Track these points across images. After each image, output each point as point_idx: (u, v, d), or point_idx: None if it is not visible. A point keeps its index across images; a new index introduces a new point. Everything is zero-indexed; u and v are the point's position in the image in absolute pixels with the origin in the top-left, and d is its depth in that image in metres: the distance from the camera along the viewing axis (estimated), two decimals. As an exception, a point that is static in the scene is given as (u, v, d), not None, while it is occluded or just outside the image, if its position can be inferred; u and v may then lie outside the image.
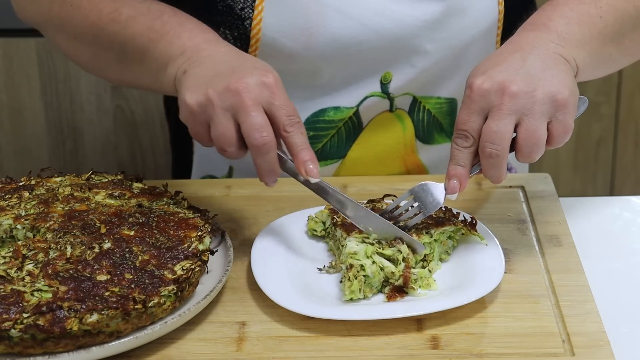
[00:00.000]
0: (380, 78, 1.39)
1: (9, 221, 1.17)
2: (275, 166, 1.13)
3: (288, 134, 1.12)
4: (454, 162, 1.12)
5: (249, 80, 1.12)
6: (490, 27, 1.39)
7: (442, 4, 1.35)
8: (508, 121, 1.09)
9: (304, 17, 1.33)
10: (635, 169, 2.42)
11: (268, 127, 1.11)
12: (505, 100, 1.10)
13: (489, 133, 1.09)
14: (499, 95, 1.10)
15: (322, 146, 1.43)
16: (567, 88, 1.11)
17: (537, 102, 1.10)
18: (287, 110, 1.12)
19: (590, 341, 1.06)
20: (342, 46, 1.35)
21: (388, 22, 1.34)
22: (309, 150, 1.13)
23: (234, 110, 1.11)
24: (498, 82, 1.11)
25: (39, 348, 1.01)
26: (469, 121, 1.11)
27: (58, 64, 2.19)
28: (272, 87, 1.12)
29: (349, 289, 1.11)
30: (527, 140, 1.10)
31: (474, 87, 1.11)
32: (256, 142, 1.11)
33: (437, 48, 1.37)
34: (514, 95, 1.10)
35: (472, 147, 1.12)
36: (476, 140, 1.11)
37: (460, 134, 1.12)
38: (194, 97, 1.13)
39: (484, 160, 1.11)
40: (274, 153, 1.12)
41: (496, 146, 1.09)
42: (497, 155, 1.10)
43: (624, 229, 1.33)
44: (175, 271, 1.09)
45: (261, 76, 1.13)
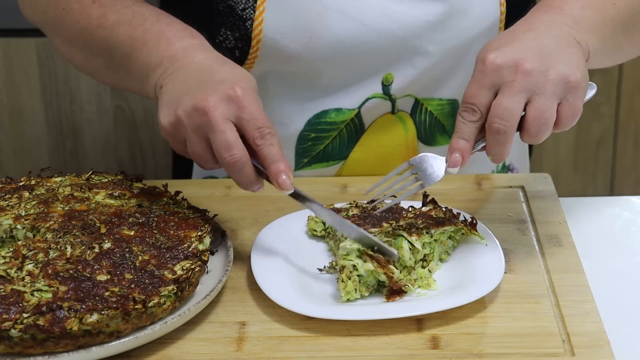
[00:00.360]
0: (381, 79, 1.39)
1: (9, 221, 1.17)
2: (252, 179, 1.13)
3: (258, 147, 1.12)
4: (458, 135, 1.11)
5: (214, 97, 1.11)
6: (491, 28, 1.39)
7: (443, 5, 1.35)
8: (519, 98, 1.08)
9: (305, 18, 1.33)
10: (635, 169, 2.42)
11: (237, 143, 1.11)
12: (518, 77, 1.08)
13: (499, 109, 1.08)
14: (512, 72, 1.09)
15: (324, 148, 1.43)
16: (580, 71, 1.10)
17: (549, 82, 1.09)
18: (255, 123, 1.11)
19: (590, 341, 1.06)
20: (344, 47, 1.34)
21: (389, 22, 1.34)
22: (281, 162, 1.12)
23: (203, 129, 1.12)
24: (512, 58, 1.09)
25: (39, 348, 1.01)
26: (479, 95, 1.10)
27: (58, 64, 2.19)
28: (240, 100, 1.11)
29: (344, 290, 1.11)
30: (536, 119, 1.09)
31: (487, 62, 1.10)
32: (225, 161, 1.11)
33: (439, 49, 1.37)
34: (528, 72, 1.09)
35: (478, 122, 1.10)
36: (483, 115, 1.10)
37: (467, 107, 1.10)
38: (166, 119, 1.14)
39: (490, 136, 1.09)
40: (248, 168, 1.12)
41: (505, 122, 1.08)
42: (505, 131, 1.08)
43: (624, 229, 1.33)
44: (175, 271, 1.09)
45: (227, 90, 1.12)
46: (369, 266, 1.11)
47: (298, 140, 1.42)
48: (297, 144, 1.42)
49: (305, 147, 1.43)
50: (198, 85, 1.13)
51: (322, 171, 1.45)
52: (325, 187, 1.39)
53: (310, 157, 1.43)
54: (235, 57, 1.35)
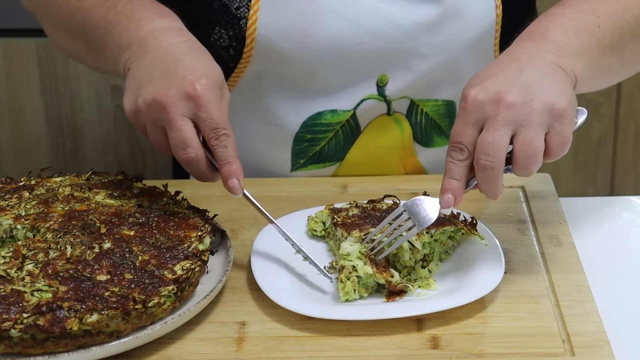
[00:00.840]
0: (376, 81, 1.39)
1: (9, 221, 1.17)
2: (206, 174, 1.15)
3: (213, 147, 1.13)
4: (449, 175, 1.10)
5: (173, 93, 1.12)
6: (487, 31, 1.39)
7: (438, 7, 1.34)
8: (503, 132, 1.07)
9: (299, 17, 1.33)
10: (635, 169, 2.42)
11: (193, 141, 1.12)
12: (500, 111, 1.07)
13: (484, 145, 1.07)
14: (495, 106, 1.07)
15: (320, 149, 1.43)
16: (565, 98, 1.09)
17: (534, 112, 1.07)
18: (211, 123, 1.12)
19: (590, 341, 1.06)
20: (338, 48, 1.34)
21: (384, 24, 1.34)
22: (232, 164, 1.13)
23: (161, 122, 1.14)
24: (493, 92, 1.08)
25: (39, 348, 1.01)
26: (464, 133, 1.08)
27: (58, 64, 2.19)
28: (198, 98, 1.12)
29: (343, 290, 1.11)
30: (523, 152, 1.07)
31: (469, 99, 1.09)
32: (180, 159, 1.13)
33: (434, 51, 1.37)
34: (510, 105, 1.07)
35: (467, 160, 1.09)
36: (471, 153, 1.09)
37: (455, 146, 1.09)
38: (129, 105, 1.16)
39: (478, 172, 1.08)
40: (202, 165, 1.14)
41: (491, 158, 1.07)
42: (492, 167, 1.07)
43: (624, 229, 1.33)
44: (175, 271, 1.09)
45: (187, 87, 1.13)
46: (368, 269, 1.11)
47: (294, 141, 1.42)
48: (293, 145, 1.42)
49: (302, 148, 1.43)
50: (161, 76, 1.14)
51: (318, 172, 1.45)
52: (325, 187, 1.39)
53: (306, 158, 1.43)
54: (230, 55, 1.35)
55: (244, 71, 1.37)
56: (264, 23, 1.33)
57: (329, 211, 1.24)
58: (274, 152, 1.43)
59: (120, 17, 1.23)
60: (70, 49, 1.36)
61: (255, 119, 1.41)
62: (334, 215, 1.22)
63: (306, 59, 1.35)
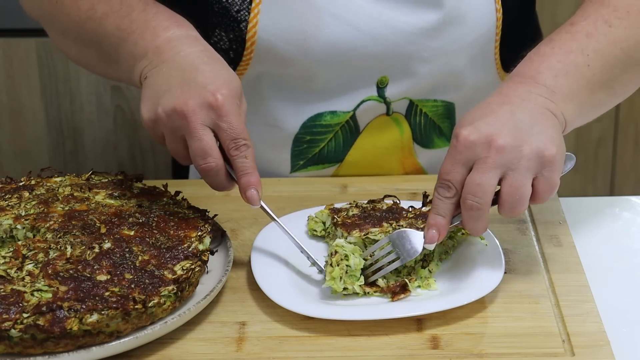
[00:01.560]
0: (376, 82, 1.38)
1: (9, 221, 1.17)
2: (224, 184, 1.15)
3: (232, 157, 1.13)
4: (435, 211, 1.11)
5: (194, 102, 1.12)
6: (488, 35, 1.38)
7: (439, 12, 1.34)
8: (492, 175, 1.08)
9: (300, 21, 1.32)
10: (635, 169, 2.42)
11: (213, 151, 1.13)
12: (491, 154, 1.07)
13: (472, 185, 1.08)
14: (486, 148, 1.08)
15: (320, 150, 1.43)
16: (555, 145, 1.09)
17: (523, 158, 1.08)
18: (231, 133, 1.13)
19: (590, 341, 1.06)
20: (338, 51, 1.34)
21: (384, 28, 1.34)
22: (251, 175, 1.14)
23: (181, 132, 1.13)
24: (485, 134, 1.08)
25: (39, 348, 1.01)
26: (453, 172, 1.09)
27: (58, 64, 2.19)
28: (219, 108, 1.12)
29: (330, 274, 1.11)
30: (510, 195, 1.08)
31: (460, 138, 1.09)
32: (200, 168, 1.13)
33: (434, 55, 1.36)
34: (501, 149, 1.07)
35: (454, 198, 1.10)
36: (458, 191, 1.09)
37: (443, 183, 1.10)
38: (147, 114, 1.16)
39: (464, 211, 1.09)
40: (221, 176, 1.14)
41: (478, 199, 1.08)
42: (479, 208, 1.08)
43: (624, 229, 1.33)
44: (175, 271, 1.09)
45: (208, 97, 1.12)
46: (359, 262, 1.11)
47: (293, 142, 1.42)
48: (292, 146, 1.42)
49: (301, 149, 1.42)
50: (180, 85, 1.14)
51: (318, 173, 1.45)
52: (325, 187, 1.39)
53: (306, 159, 1.43)
54: (230, 58, 1.35)
55: (244, 73, 1.37)
56: (264, 26, 1.33)
57: (329, 211, 1.24)
58: (273, 154, 1.43)
59: (135, 26, 1.22)
60: (79, 58, 1.35)
61: (254, 121, 1.41)
62: (334, 215, 1.22)
63: (306, 62, 1.35)
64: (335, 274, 1.11)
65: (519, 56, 1.45)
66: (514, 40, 1.42)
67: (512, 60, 1.44)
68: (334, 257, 1.12)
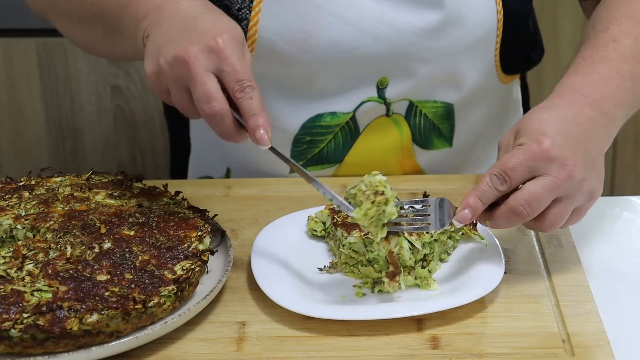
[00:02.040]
0: (376, 83, 1.38)
1: (9, 221, 1.17)
2: (232, 131, 1.11)
3: (238, 100, 1.10)
4: (477, 194, 1.10)
5: (195, 48, 1.10)
6: (488, 36, 1.38)
7: (440, 13, 1.34)
8: (552, 195, 1.09)
9: (301, 20, 1.32)
10: (635, 169, 2.42)
11: (218, 95, 1.09)
12: (562, 178, 1.09)
13: (531, 194, 1.09)
14: (560, 169, 1.09)
15: (319, 151, 1.43)
16: (602, 185, 1.15)
17: (580, 192, 1.12)
18: (235, 76, 1.10)
19: (590, 341, 1.06)
20: (339, 51, 1.34)
21: (385, 28, 1.34)
22: (259, 116, 1.10)
23: (184, 80, 1.10)
24: (565, 157, 1.10)
25: (39, 348, 1.01)
26: (517, 170, 1.09)
27: (58, 64, 2.19)
28: (220, 51, 1.10)
29: (366, 210, 1.09)
30: (555, 219, 1.11)
31: (543, 147, 1.09)
32: (205, 113, 1.10)
33: (435, 56, 1.36)
34: (572, 178, 1.10)
35: (502, 192, 1.10)
36: (510, 188, 1.10)
37: (501, 175, 1.09)
38: (150, 67, 1.13)
39: (507, 211, 1.09)
40: (227, 120, 1.10)
41: (529, 209, 1.09)
42: (524, 217, 1.09)
43: (624, 229, 1.33)
44: (175, 271, 1.09)
45: (209, 41, 1.10)
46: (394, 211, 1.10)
47: (293, 143, 1.42)
48: (292, 147, 1.42)
49: (301, 150, 1.42)
50: (181, 34, 1.12)
51: (317, 174, 1.44)
52: (325, 187, 1.39)
53: (305, 160, 1.43)
54: None
55: None
56: (265, 25, 1.33)
57: (329, 211, 1.24)
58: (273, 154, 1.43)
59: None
60: (85, 39, 1.34)
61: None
62: (334, 215, 1.22)
63: (307, 62, 1.35)
64: (371, 212, 1.09)
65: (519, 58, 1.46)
66: (514, 43, 1.42)
67: (511, 62, 1.44)
68: (378, 197, 1.10)
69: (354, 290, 1.14)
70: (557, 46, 2.27)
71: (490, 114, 1.49)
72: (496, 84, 1.45)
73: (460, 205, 1.10)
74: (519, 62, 1.47)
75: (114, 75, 2.20)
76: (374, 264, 1.15)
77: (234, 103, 1.11)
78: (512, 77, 1.48)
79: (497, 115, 1.51)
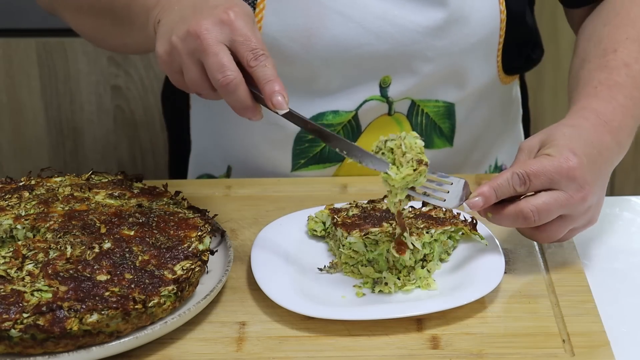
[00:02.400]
0: (379, 82, 1.39)
1: (9, 221, 1.17)
2: (247, 102, 1.10)
3: (252, 68, 1.10)
4: (494, 187, 1.12)
5: (207, 21, 1.10)
6: (491, 35, 1.39)
7: (444, 12, 1.34)
8: (561, 211, 1.13)
9: (305, 17, 1.33)
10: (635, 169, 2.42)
11: (231, 65, 1.09)
12: (576, 200, 1.13)
13: (544, 207, 1.12)
14: (577, 191, 1.13)
15: (321, 149, 1.43)
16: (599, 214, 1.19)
17: (584, 217, 1.16)
18: (248, 45, 1.10)
19: (590, 341, 1.06)
20: (342, 48, 1.34)
21: (389, 26, 1.34)
22: (275, 82, 1.10)
23: (197, 54, 1.10)
24: (585, 180, 1.13)
25: (39, 348, 1.01)
26: (540, 178, 1.12)
27: (58, 64, 2.19)
28: (232, 23, 1.10)
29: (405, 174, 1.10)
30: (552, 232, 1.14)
31: (570, 165, 1.12)
32: (219, 83, 1.09)
33: (438, 55, 1.37)
34: (584, 202, 1.13)
35: (517, 193, 1.12)
36: (526, 192, 1.12)
37: (523, 177, 1.12)
38: (162, 47, 1.13)
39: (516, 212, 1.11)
40: (242, 90, 1.10)
41: (537, 218, 1.12)
42: (529, 223, 1.12)
43: (624, 229, 1.33)
44: (175, 271, 1.09)
45: (220, 14, 1.10)
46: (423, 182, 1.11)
47: (295, 141, 1.42)
48: (294, 145, 1.42)
49: (303, 148, 1.42)
50: (192, 12, 1.12)
51: (319, 172, 1.45)
52: (326, 187, 1.39)
53: (307, 158, 1.43)
54: None
55: None
56: (269, 22, 1.33)
57: (329, 211, 1.24)
58: (274, 152, 1.43)
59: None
60: (94, 31, 1.35)
61: (256, 118, 1.40)
62: (334, 215, 1.22)
63: (310, 59, 1.35)
64: (409, 178, 1.10)
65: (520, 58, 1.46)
66: (515, 43, 1.42)
67: (512, 62, 1.44)
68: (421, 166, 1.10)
69: (354, 290, 1.14)
70: (557, 46, 2.27)
71: (490, 115, 1.49)
72: (497, 84, 1.46)
73: (475, 192, 1.12)
74: (519, 63, 1.47)
75: (114, 75, 2.20)
76: (374, 264, 1.16)
77: (248, 76, 1.10)
78: (513, 77, 1.49)
79: (498, 116, 1.51)
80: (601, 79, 1.25)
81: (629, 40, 1.29)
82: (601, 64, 1.27)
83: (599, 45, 1.30)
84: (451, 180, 1.14)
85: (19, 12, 2.15)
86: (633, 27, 1.30)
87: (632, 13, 1.32)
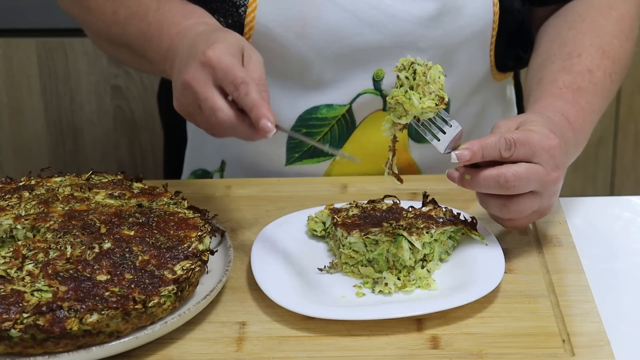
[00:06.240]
0: (372, 75, 1.39)
1: (9, 221, 1.17)
2: (248, 133, 1.13)
3: (237, 99, 1.12)
4: (483, 145, 1.13)
5: (191, 69, 1.14)
6: (484, 29, 1.39)
7: (437, 2, 1.35)
8: (535, 185, 1.15)
9: (298, 6, 1.33)
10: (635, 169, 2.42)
11: (220, 104, 1.12)
12: (551, 178, 1.16)
13: (524, 173, 1.13)
14: (554, 170, 1.16)
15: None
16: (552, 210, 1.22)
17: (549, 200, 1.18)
18: (227, 78, 1.12)
19: (590, 341, 1.06)
20: (336, 38, 1.35)
21: (382, 16, 1.35)
22: (259, 107, 1.11)
23: (196, 102, 1.14)
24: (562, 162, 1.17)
25: (39, 348, 1.01)
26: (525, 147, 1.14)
27: (58, 64, 2.19)
28: (211, 61, 1.12)
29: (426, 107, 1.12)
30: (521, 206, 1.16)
31: (552, 143, 1.16)
32: (217, 126, 1.13)
33: (431, 46, 1.37)
34: (556, 183, 1.17)
35: (499, 158, 1.14)
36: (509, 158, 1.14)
37: (509, 142, 1.14)
38: (175, 104, 1.18)
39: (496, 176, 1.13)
40: (238, 126, 1.12)
41: (515, 183, 1.13)
42: (506, 189, 1.13)
43: (624, 229, 1.33)
44: (175, 271, 1.09)
45: (200, 57, 1.13)
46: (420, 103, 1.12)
47: (289, 135, 1.42)
48: (288, 139, 1.43)
49: (297, 142, 1.43)
50: (185, 61, 1.16)
51: (312, 167, 1.45)
52: (325, 187, 1.39)
53: (301, 152, 1.44)
54: None
55: None
56: (263, 12, 1.34)
57: (329, 211, 1.24)
58: (269, 146, 1.44)
59: (153, 30, 1.27)
60: (115, 56, 1.42)
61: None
62: (334, 215, 1.22)
63: (303, 49, 1.35)
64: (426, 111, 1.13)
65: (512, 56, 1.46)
66: (508, 40, 1.43)
67: (504, 59, 1.45)
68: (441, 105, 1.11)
69: (354, 290, 1.14)
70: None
71: (483, 111, 1.49)
72: (490, 81, 1.46)
73: (463, 145, 1.14)
74: (511, 60, 1.47)
75: (114, 75, 2.20)
76: (374, 264, 1.16)
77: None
78: (505, 75, 1.49)
79: (491, 114, 1.51)
80: (565, 81, 1.30)
81: (592, 47, 1.33)
82: (565, 66, 1.32)
83: (563, 48, 1.35)
84: (452, 123, 1.15)
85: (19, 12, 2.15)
86: (597, 36, 1.34)
87: (596, 22, 1.36)
